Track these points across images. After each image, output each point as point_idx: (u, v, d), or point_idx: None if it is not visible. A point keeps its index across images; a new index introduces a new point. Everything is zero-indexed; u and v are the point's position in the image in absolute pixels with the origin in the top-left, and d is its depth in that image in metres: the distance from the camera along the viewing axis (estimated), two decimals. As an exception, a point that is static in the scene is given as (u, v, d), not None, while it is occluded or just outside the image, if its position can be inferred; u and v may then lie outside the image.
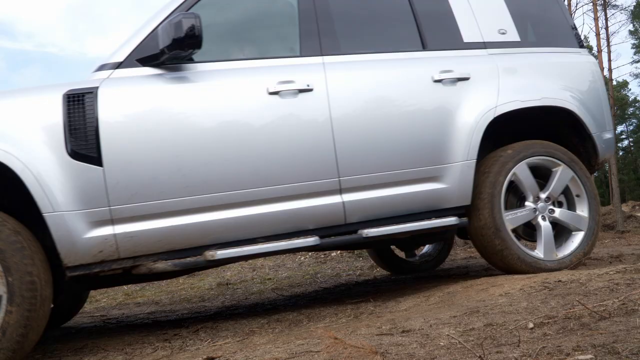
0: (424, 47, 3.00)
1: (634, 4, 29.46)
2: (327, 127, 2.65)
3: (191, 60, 2.60)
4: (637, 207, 16.35)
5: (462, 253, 7.19)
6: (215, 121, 2.52)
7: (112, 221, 2.33)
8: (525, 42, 3.24)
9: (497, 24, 3.18)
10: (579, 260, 3.03)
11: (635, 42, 36.03)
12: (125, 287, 5.63)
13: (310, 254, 8.08)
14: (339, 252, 8.13)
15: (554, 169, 3.07)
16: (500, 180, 2.92)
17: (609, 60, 19.08)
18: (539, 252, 2.98)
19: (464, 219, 2.93)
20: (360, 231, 2.70)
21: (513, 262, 2.90)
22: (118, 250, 2.34)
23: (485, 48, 3.10)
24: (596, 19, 18.71)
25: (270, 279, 5.24)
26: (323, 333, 2.06)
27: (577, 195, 3.12)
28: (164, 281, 5.81)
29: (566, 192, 3.12)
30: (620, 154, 40.44)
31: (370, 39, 3.00)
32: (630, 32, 34.89)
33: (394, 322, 2.15)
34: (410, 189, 2.78)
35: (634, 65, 36.60)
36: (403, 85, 2.86)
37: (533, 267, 2.90)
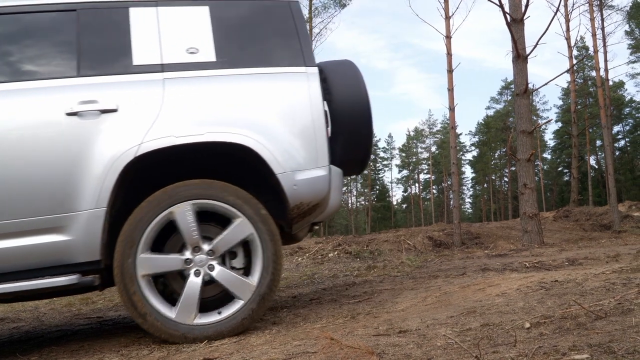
0: (78, 73, 2.56)
1: (630, 4, 29.61)
2: None
3: None
4: (634, 207, 16.42)
5: (459, 254, 7.20)
6: None
7: None
8: (223, 62, 2.70)
9: (188, 42, 2.71)
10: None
11: (631, 42, 36.19)
12: (122, 288, 5.61)
13: (307, 255, 8.08)
14: (336, 253, 8.15)
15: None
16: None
17: (605, 60, 19.17)
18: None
19: (89, 278, 2.47)
20: None
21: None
22: None
23: (162, 71, 2.63)
24: (592, 20, 18.81)
25: (267, 280, 5.23)
26: (320, 334, 2.06)
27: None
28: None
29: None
30: (617, 154, 40.62)
31: (5, 66, 2.57)
32: (627, 33, 35.09)
33: (391, 323, 2.15)
34: (20, 242, 2.40)
35: (630, 65, 36.83)
36: (17, 121, 2.44)
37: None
